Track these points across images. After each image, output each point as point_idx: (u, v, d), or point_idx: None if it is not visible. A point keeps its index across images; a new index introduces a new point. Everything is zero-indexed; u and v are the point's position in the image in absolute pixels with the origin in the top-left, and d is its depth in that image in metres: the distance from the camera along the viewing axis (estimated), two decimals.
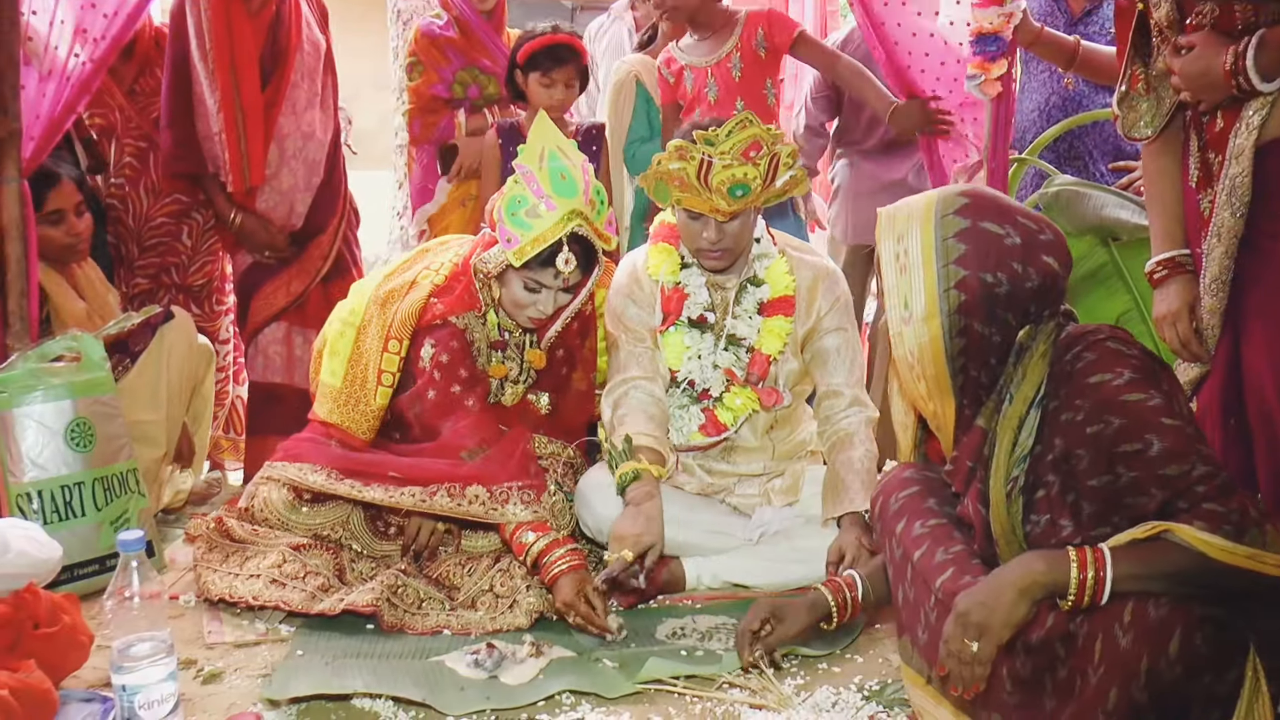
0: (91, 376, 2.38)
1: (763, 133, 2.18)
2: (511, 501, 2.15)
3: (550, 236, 2.19)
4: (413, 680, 1.89)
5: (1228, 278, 1.77)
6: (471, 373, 2.34)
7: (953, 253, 1.55)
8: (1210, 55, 1.69)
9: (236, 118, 2.85)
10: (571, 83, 3.09)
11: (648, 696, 1.87)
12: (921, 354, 1.59)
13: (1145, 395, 1.47)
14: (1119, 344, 1.53)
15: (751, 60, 2.98)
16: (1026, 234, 1.57)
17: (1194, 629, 1.34)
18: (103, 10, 2.47)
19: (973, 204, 1.59)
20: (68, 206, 2.69)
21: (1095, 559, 1.42)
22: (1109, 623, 1.40)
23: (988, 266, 1.55)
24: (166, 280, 3.20)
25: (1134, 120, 1.94)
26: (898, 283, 1.61)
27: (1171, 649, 1.34)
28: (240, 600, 2.17)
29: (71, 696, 1.77)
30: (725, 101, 2.98)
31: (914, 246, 1.59)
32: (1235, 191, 1.72)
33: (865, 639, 2.09)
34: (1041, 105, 2.89)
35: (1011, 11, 2.51)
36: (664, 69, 3.15)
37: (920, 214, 1.61)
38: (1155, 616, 1.36)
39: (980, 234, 1.56)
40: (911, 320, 1.59)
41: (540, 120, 2.25)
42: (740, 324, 2.40)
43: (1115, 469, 1.49)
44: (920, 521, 1.73)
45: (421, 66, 3.33)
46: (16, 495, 2.25)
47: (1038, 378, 1.56)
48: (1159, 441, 1.45)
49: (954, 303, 1.55)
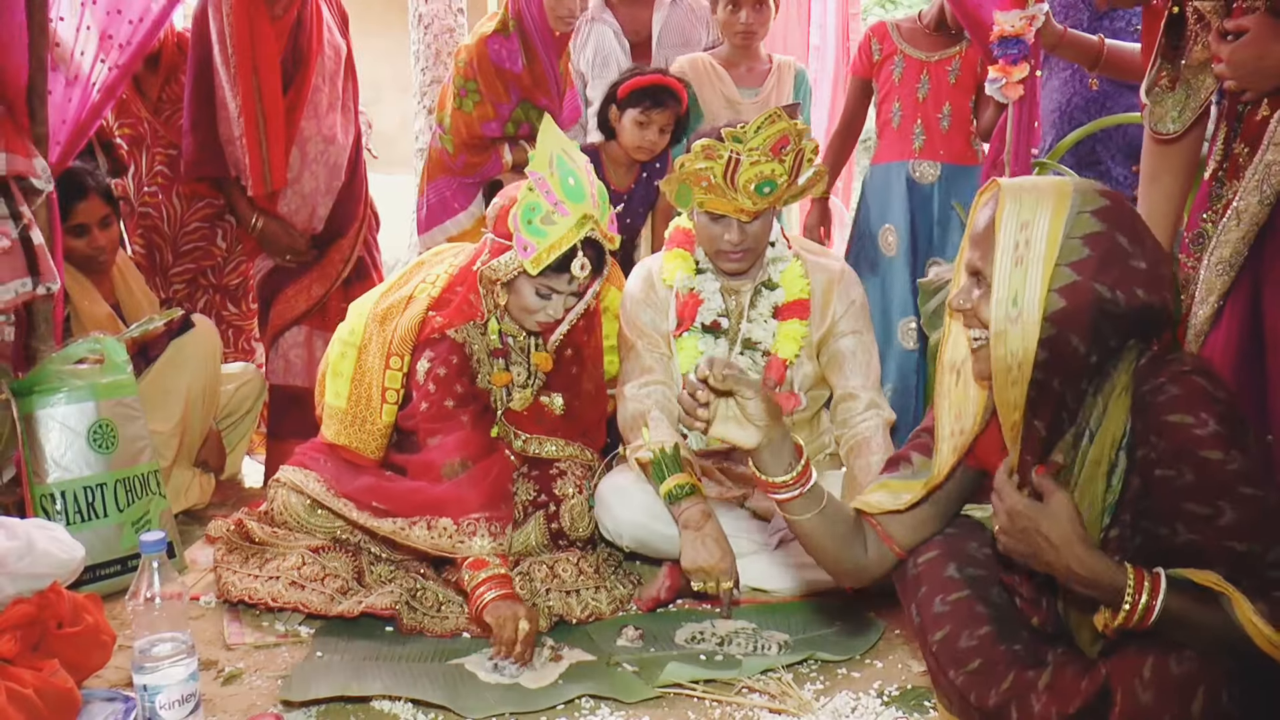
0: (114, 379, 2.41)
1: (790, 128, 2.17)
2: (479, 534, 2.12)
3: (565, 243, 2.18)
4: (432, 683, 1.90)
5: (1239, 261, 1.70)
6: (466, 388, 2.31)
7: (1073, 254, 1.40)
8: (1267, 39, 1.60)
9: (258, 121, 2.88)
10: (666, 129, 3.01)
11: (667, 701, 1.86)
12: (1025, 357, 1.41)
13: (1226, 455, 1.34)
14: (1205, 379, 1.39)
15: (970, 69, 3.00)
16: (1153, 261, 1.43)
17: (1219, 687, 1.27)
18: (128, 17, 2.48)
19: (1113, 208, 1.43)
20: (92, 220, 2.73)
21: (1152, 585, 1.33)
22: (1129, 677, 1.33)
23: (1106, 280, 1.39)
24: (203, 282, 3.25)
25: (1160, 114, 1.89)
26: (1011, 274, 1.42)
27: (1195, 709, 1.27)
28: (260, 602, 2.18)
29: (94, 696, 1.78)
30: (932, 102, 2.99)
31: (1039, 238, 1.41)
32: (1269, 179, 1.64)
33: (885, 644, 2.07)
34: (1063, 105, 2.84)
35: (1034, 14, 2.49)
36: (873, 41, 3.12)
37: (1054, 201, 1.43)
38: (1178, 673, 1.29)
39: (1111, 244, 1.41)
40: (1020, 319, 1.41)
41: (546, 124, 2.25)
42: (755, 328, 2.39)
43: (1175, 524, 1.38)
44: (940, 596, 1.59)
45: (479, 96, 3.12)
46: (40, 496, 2.27)
47: (1122, 415, 1.43)
48: (1231, 511, 1.34)
49: (1053, 307, 1.40)
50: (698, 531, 2.11)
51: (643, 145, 3.02)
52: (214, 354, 2.91)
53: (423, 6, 5.30)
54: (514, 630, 1.96)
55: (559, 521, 2.34)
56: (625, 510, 2.27)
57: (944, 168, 3.08)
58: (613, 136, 3.09)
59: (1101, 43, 2.63)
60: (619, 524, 2.28)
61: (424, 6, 5.30)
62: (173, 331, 2.83)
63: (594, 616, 2.17)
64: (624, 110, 3.01)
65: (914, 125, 3.09)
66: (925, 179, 3.10)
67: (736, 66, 3.34)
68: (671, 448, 2.23)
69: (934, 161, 3.09)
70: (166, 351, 2.81)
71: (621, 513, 2.27)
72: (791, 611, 2.21)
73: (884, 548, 1.67)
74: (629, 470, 2.33)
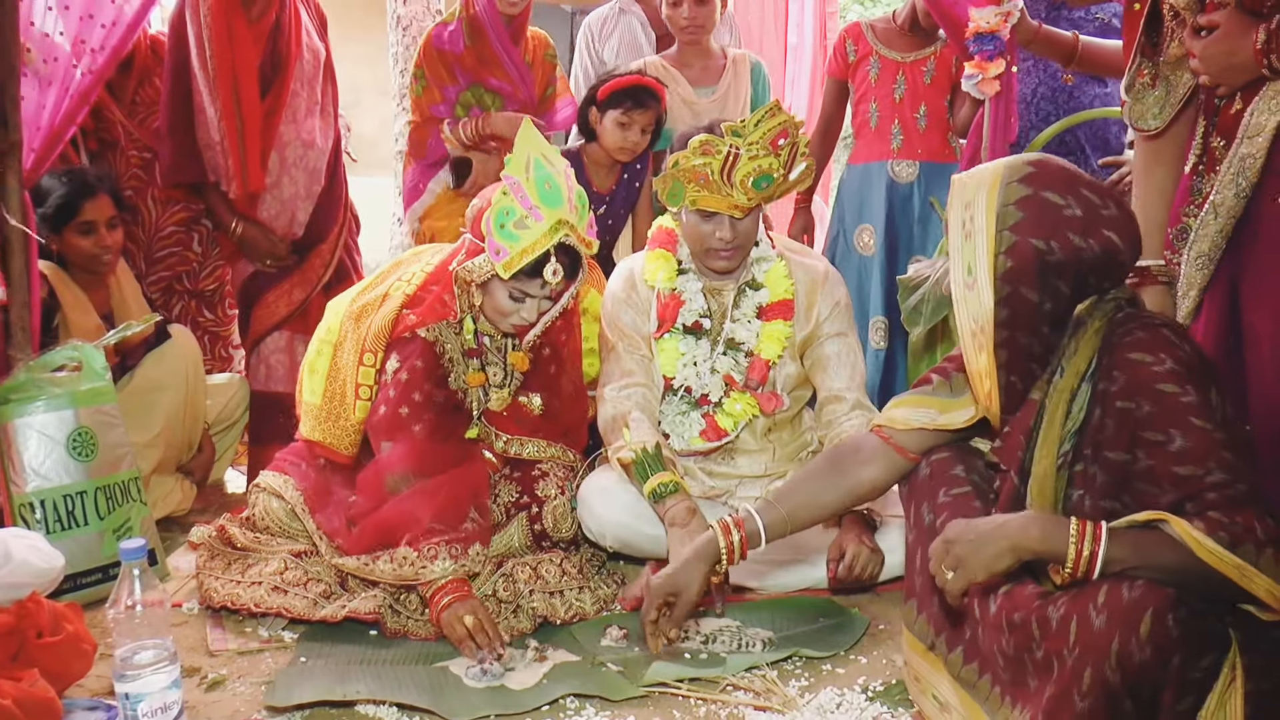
0: (93, 386, 2.39)
1: (789, 120, 2.18)
2: (440, 558, 2.07)
3: (538, 249, 2.17)
4: (417, 686, 1.89)
5: (1217, 255, 1.73)
6: (426, 396, 2.28)
7: (1010, 219, 1.55)
8: (1237, 35, 1.63)
9: (237, 126, 2.86)
10: (648, 129, 3.03)
11: (652, 700, 1.87)
12: (985, 322, 1.58)
13: (1180, 389, 1.47)
14: (1171, 332, 1.53)
15: (945, 69, 3.01)
16: (1088, 206, 1.56)
17: (1166, 611, 1.34)
18: (100, 21, 2.47)
19: (1038, 173, 1.58)
20: (100, 219, 2.74)
21: (1094, 534, 1.43)
22: (1084, 604, 1.41)
23: (1040, 234, 1.54)
24: (179, 287, 3.23)
25: (1141, 111, 1.91)
26: (962, 248, 1.61)
27: (1142, 630, 1.34)
28: (243, 607, 2.17)
29: (75, 705, 1.77)
30: (909, 102, 3.00)
31: (979, 213, 1.58)
32: (1244, 172, 1.67)
33: (869, 640, 2.08)
34: (1028, 97, 2.84)
35: (1009, 10, 2.51)
36: (848, 42, 3.13)
37: (988, 181, 1.60)
38: (1129, 597, 1.36)
39: (1040, 202, 1.55)
40: (975, 285, 1.59)
41: (525, 127, 2.24)
42: (739, 328, 2.39)
43: (1134, 451, 1.50)
44: (944, 489, 1.75)
45: (425, 82, 3.17)
46: (19, 505, 2.25)
47: (1090, 351, 1.56)
48: (1181, 439, 1.45)
49: (1002, 268, 1.55)
50: (684, 528, 2.11)
51: (625, 146, 3.03)
52: (194, 367, 2.90)
53: (401, 9, 5.31)
54: (461, 629, 1.97)
55: (542, 523, 2.34)
56: (608, 511, 2.27)
57: (922, 166, 3.10)
58: (594, 138, 3.09)
59: (1076, 39, 2.65)
60: (602, 524, 2.28)
61: (402, 9, 5.30)
62: (149, 343, 2.82)
63: (578, 617, 2.17)
64: (605, 112, 3.01)
65: (891, 125, 3.10)
66: (904, 178, 3.12)
67: (690, 66, 3.34)
68: (653, 447, 2.23)
69: (912, 161, 3.10)
70: (143, 364, 2.79)
71: (604, 513, 2.27)
72: (775, 609, 2.21)
73: (895, 457, 1.85)
74: (611, 471, 2.33)
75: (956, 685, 1.64)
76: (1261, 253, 1.66)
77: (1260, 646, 1.37)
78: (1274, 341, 1.64)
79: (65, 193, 2.69)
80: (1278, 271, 1.63)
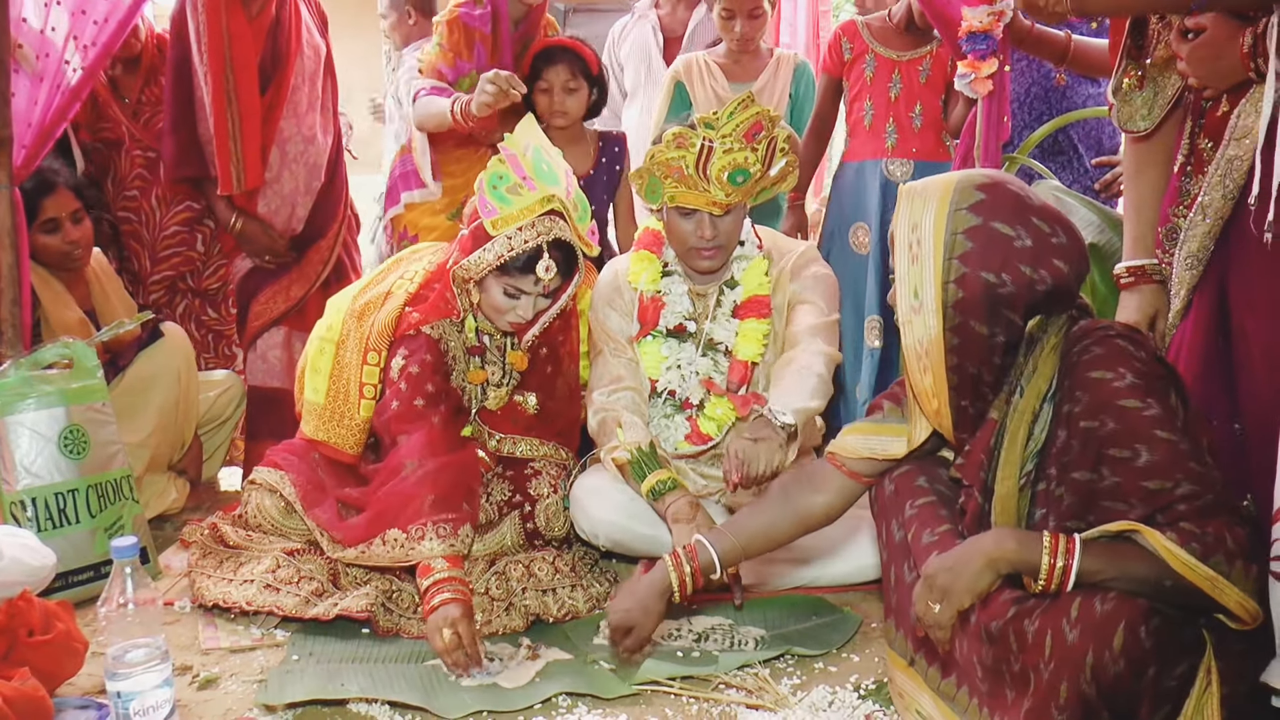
0: (84, 384, 2.38)
1: (764, 114, 2.17)
2: (427, 538, 2.05)
3: (528, 214, 2.16)
4: (409, 684, 1.89)
5: (1206, 255, 1.74)
6: (439, 387, 2.29)
7: (958, 248, 1.54)
8: (1223, 38, 1.64)
9: (229, 120, 2.85)
10: (570, 86, 2.88)
11: (644, 698, 1.87)
12: (931, 345, 1.57)
13: (1142, 403, 1.46)
14: (1128, 343, 1.52)
15: (940, 68, 3.00)
16: (1038, 236, 1.55)
17: (1138, 624, 1.35)
18: (93, 17, 2.46)
19: (988, 201, 1.57)
20: (63, 215, 2.70)
21: (1066, 548, 1.44)
22: (1058, 617, 1.41)
23: (991, 267, 1.53)
24: (182, 286, 3.23)
25: (1130, 113, 1.91)
26: (909, 271, 1.59)
27: (1115, 643, 1.35)
28: (235, 606, 2.16)
29: (67, 704, 1.76)
30: (904, 101, 3.00)
31: (926, 237, 1.57)
32: (1231, 174, 1.68)
33: (861, 638, 2.09)
34: (1021, 96, 2.84)
35: (1002, 10, 2.51)
36: (843, 40, 3.12)
37: (936, 202, 1.58)
38: (1101, 611, 1.37)
39: (989, 233, 1.54)
40: (921, 310, 1.57)
41: (526, 122, 2.24)
42: (718, 328, 2.37)
43: (1100, 469, 1.50)
44: (910, 501, 1.74)
45: (441, 47, 2.98)
46: (10, 503, 2.25)
47: (1049, 371, 1.56)
48: (1147, 454, 1.45)
49: (952, 297, 1.54)
50: (690, 523, 2.11)
51: (555, 112, 2.91)
52: (186, 365, 2.89)
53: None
54: (439, 643, 1.93)
55: (534, 521, 2.35)
56: (601, 510, 2.27)
57: (916, 165, 3.10)
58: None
59: (1069, 38, 2.66)
60: (595, 524, 2.28)
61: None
62: (141, 342, 2.81)
63: (571, 615, 2.17)
64: (531, 86, 2.87)
65: (886, 124, 3.10)
66: (898, 177, 3.12)
67: (734, 63, 3.35)
68: (648, 445, 2.23)
69: (906, 160, 3.10)
70: (134, 364, 2.78)
71: (597, 513, 2.27)
72: (767, 607, 2.21)
73: (848, 482, 1.85)
74: (603, 471, 2.33)
75: (938, 699, 1.64)
76: (1249, 253, 1.67)
77: (1234, 649, 1.38)
78: (1262, 340, 1.65)
79: (23, 192, 2.64)
80: (1266, 272, 1.64)
